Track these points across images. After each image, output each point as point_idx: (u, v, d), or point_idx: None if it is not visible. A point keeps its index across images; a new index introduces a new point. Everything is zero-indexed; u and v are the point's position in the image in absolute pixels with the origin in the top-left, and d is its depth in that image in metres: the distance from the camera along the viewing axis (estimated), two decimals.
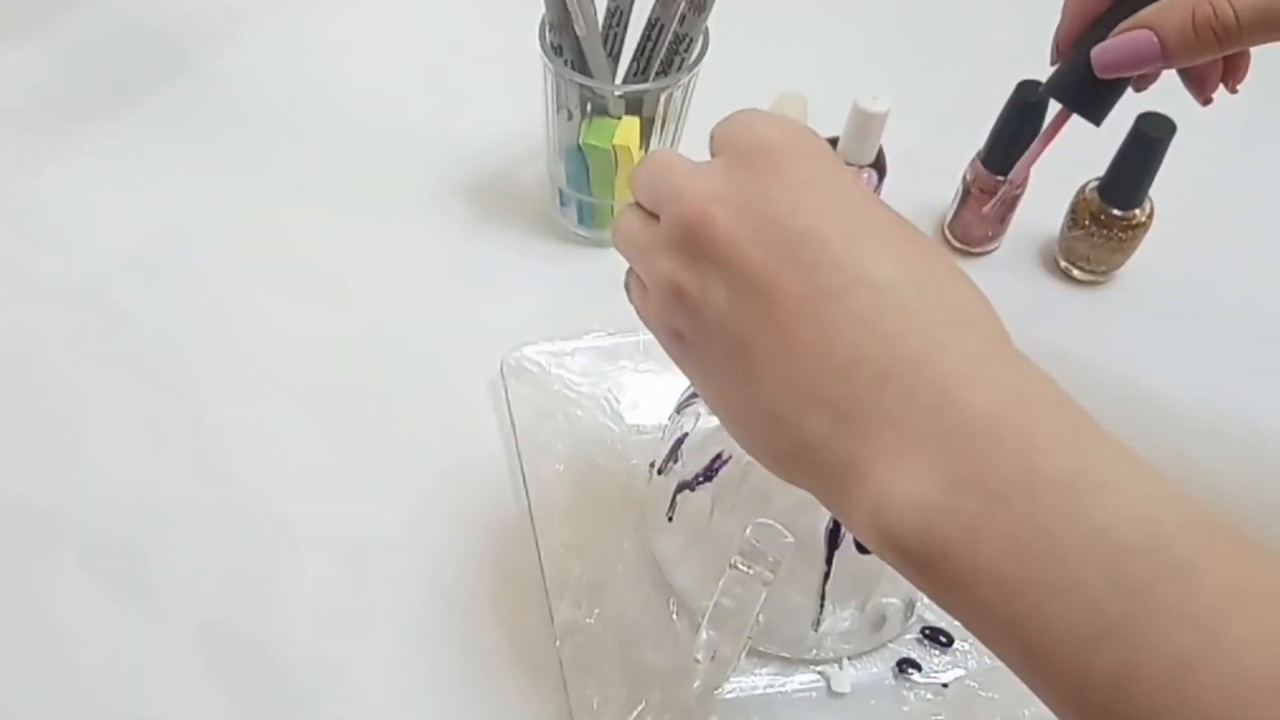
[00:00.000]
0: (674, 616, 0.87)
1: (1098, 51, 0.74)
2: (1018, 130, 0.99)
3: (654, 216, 0.62)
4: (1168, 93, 0.80)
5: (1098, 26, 0.76)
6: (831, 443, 0.54)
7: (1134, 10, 0.73)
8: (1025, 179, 0.97)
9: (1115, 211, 1.02)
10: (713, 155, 0.61)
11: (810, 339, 0.54)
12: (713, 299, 0.57)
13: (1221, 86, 0.79)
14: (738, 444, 0.60)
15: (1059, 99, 0.79)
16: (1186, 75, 0.78)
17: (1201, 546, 0.48)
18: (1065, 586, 0.47)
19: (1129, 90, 0.79)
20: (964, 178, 1.06)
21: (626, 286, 0.67)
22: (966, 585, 0.50)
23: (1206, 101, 0.80)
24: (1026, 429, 0.50)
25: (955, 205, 1.08)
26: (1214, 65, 0.77)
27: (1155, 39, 0.71)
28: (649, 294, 0.62)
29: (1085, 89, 0.77)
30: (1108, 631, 0.46)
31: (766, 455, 0.59)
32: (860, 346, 0.53)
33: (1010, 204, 1.05)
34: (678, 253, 0.58)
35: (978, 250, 1.09)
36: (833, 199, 0.57)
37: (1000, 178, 1.02)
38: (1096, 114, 0.78)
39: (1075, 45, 0.78)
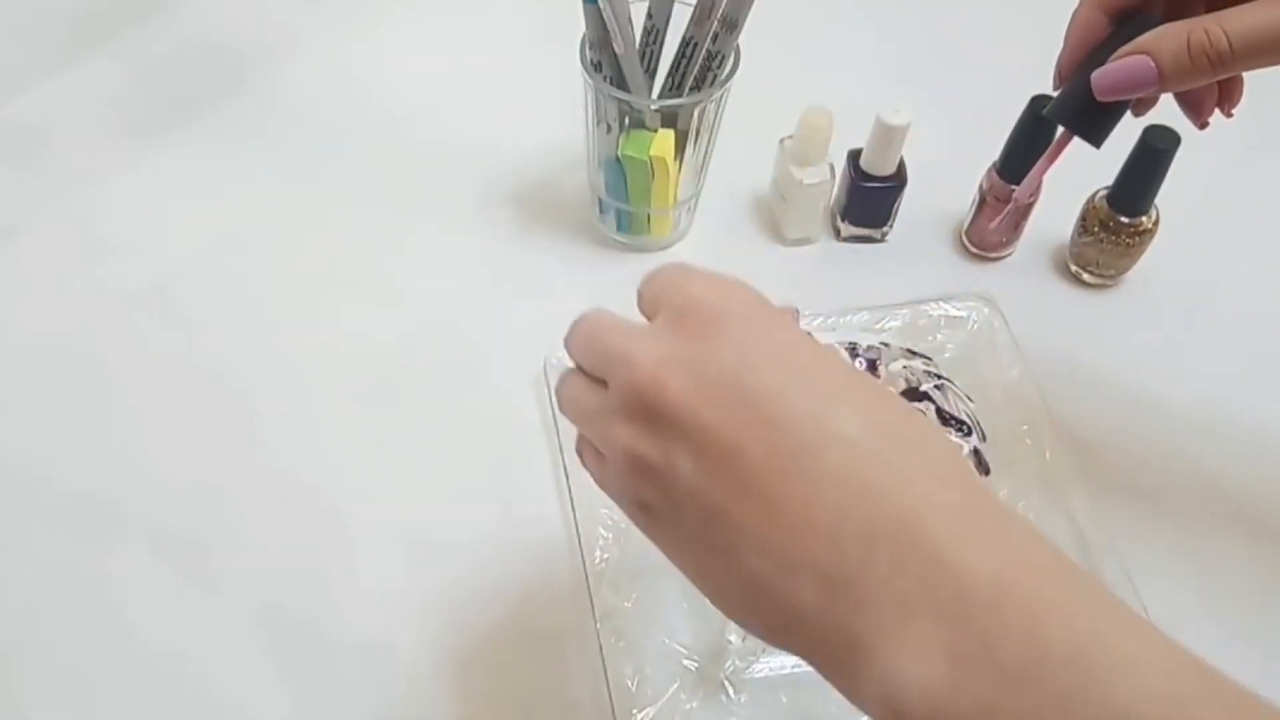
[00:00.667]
0: (707, 600, 0.88)
1: (1097, 76, 0.75)
2: (1031, 142, 1.00)
3: (599, 382, 0.59)
4: (1172, 107, 0.81)
5: (1098, 53, 0.77)
6: (825, 613, 0.50)
7: (1132, 37, 0.73)
8: (1035, 191, 0.98)
9: (1123, 219, 1.03)
10: (644, 313, 0.59)
11: (788, 501, 0.50)
12: (679, 468, 0.53)
13: (1217, 110, 0.80)
14: (725, 615, 0.56)
15: (1061, 122, 0.80)
16: (1183, 99, 0.79)
17: None
18: None
19: (1129, 113, 0.80)
20: (980, 187, 1.07)
21: (579, 452, 0.63)
22: None
23: (1203, 125, 0.80)
24: (1028, 597, 0.47)
25: (972, 213, 1.09)
26: (1209, 90, 0.78)
27: (1152, 64, 0.71)
28: (607, 463, 0.58)
29: (1086, 113, 0.78)
30: None
31: (756, 627, 0.54)
32: (842, 507, 0.50)
33: (1023, 212, 1.06)
34: (634, 422, 0.54)
35: (993, 255, 1.11)
36: (782, 354, 0.54)
37: (1014, 187, 1.04)
38: (1096, 137, 0.79)
39: (1076, 71, 0.78)
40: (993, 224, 1.05)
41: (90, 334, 1.04)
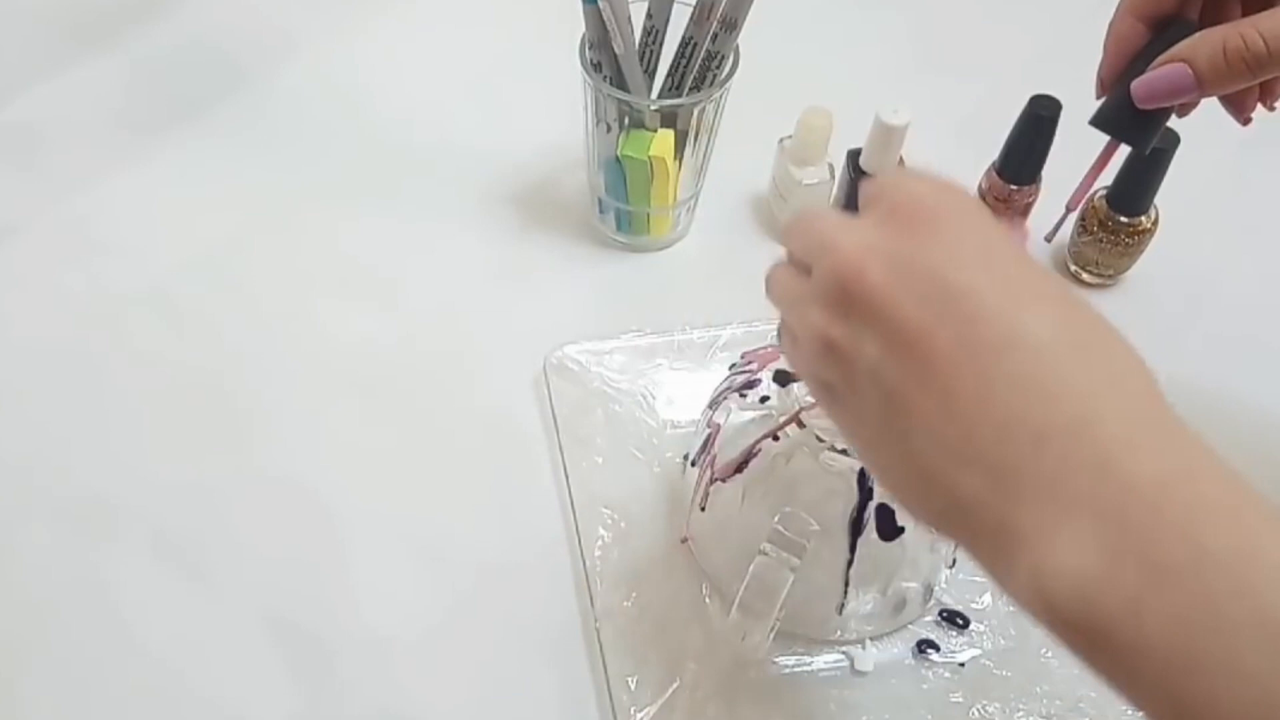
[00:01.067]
0: (706, 600, 0.88)
1: (1137, 85, 0.75)
2: (1031, 142, 1.01)
3: (805, 270, 0.59)
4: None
5: (1137, 61, 0.77)
6: (987, 503, 0.51)
7: (1171, 44, 0.74)
8: (1077, 201, 0.97)
9: (1122, 218, 1.03)
10: (863, 211, 0.59)
11: (966, 396, 0.51)
12: (865, 353, 0.54)
13: (1260, 105, 0.81)
14: (887, 498, 0.57)
15: (1106, 131, 0.80)
16: (1225, 98, 0.79)
17: None
18: (1235, 668, 0.45)
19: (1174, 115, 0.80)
20: (979, 187, 1.07)
21: (778, 335, 0.64)
22: (1130, 660, 0.47)
23: (1246, 121, 0.81)
24: (1191, 500, 0.48)
25: None
26: (1250, 88, 0.78)
27: (1190, 71, 0.72)
28: (800, 344, 0.59)
29: (1129, 120, 0.78)
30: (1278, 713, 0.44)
31: (919, 510, 0.56)
32: (1017, 406, 0.51)
33: (1023, 211, 1.06)
34: (830, 306, 0.56)
35: None
36: (987, 255, 0.54)
37: (1014, 186, 1.04)
38: (1142, 142, 0.80)
39: (1117, 80, 0.79)
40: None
41: (87, 334, 1.04)
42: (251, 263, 1.09)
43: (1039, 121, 0.99)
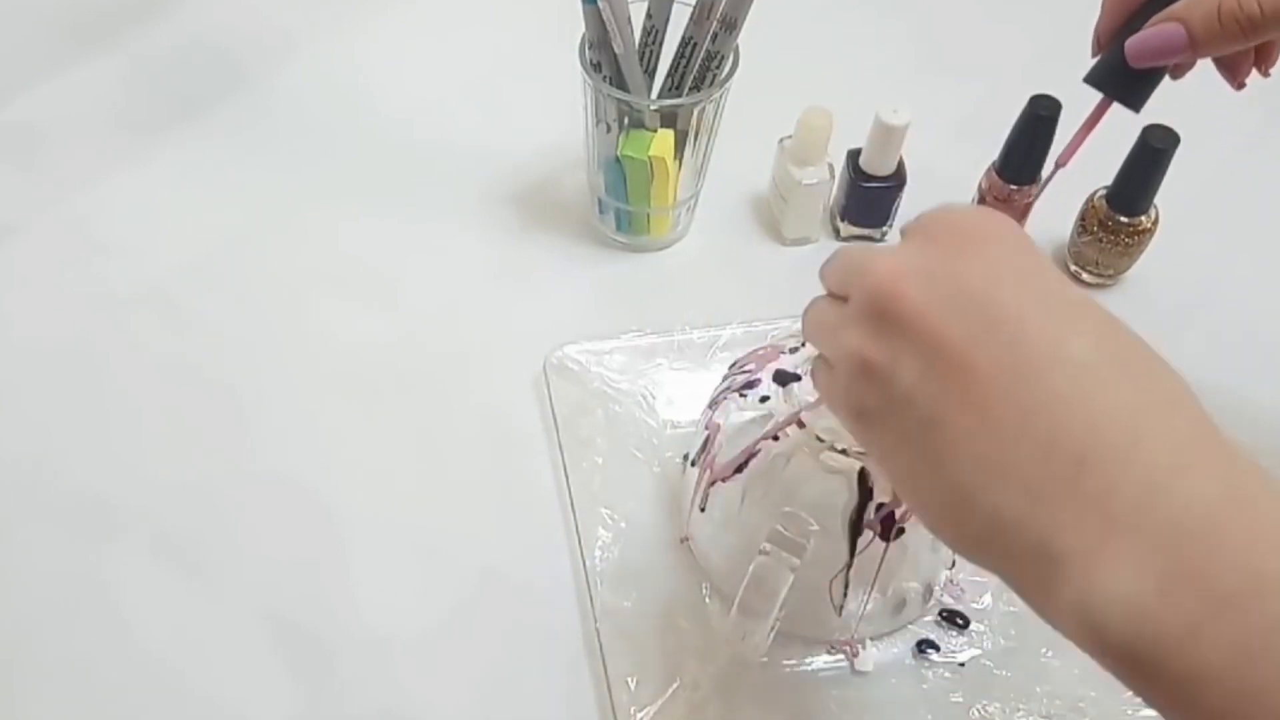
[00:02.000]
0: (706, 599, 0.88)
1: (1131, 43, 0.75)
2: (1031, 141, 1.01)
3: (842, 300, 0.59)
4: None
5: (1134, 20, 0.76)
6: (1027, 525, 0.50)
7: (1168, 4, 0.74)
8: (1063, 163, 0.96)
9: (1122, 218, 1.03)
10: (903, 241, 0.59)
11: (1006, 416, 0.51)
12: (902, 373, 0.54)
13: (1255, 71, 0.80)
14: (922, 524, 0.56)
15: (1099, 88, 0.80)
16: (1219, 62, 0.79)
17: None
18: None
19: (1164, 81, 0.79)
20: (979, 186, 1.07)
21: (813, 372, 0.63)
22: (1188, 691, 0.46)
23: (1240, 86, 0.80)
24: (1247, 524, 0.47)
25: None
26: (1245, 53, 0.78)
27: (1183, 31, 0.72)
28: (835, 371, 0.58)
29: (1122, 79, 0.78)
30: None
31: (955, 536, 0.55)
32: (1060, 426, 0.50)
33: (1023, 211, 1.06)
34: (866, 326, 0.55)
35: None
36: (1027, 276, 0.54)
37: (1014, 186, 1.04)
38: (1135, 101, 0.79)
39: (1114, 38, 0.78)
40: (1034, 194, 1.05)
41: (88, 334, 1.04)
42: (252, 263, 1.09)
43: (1039, 121, 0.99)
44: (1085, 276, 1.09)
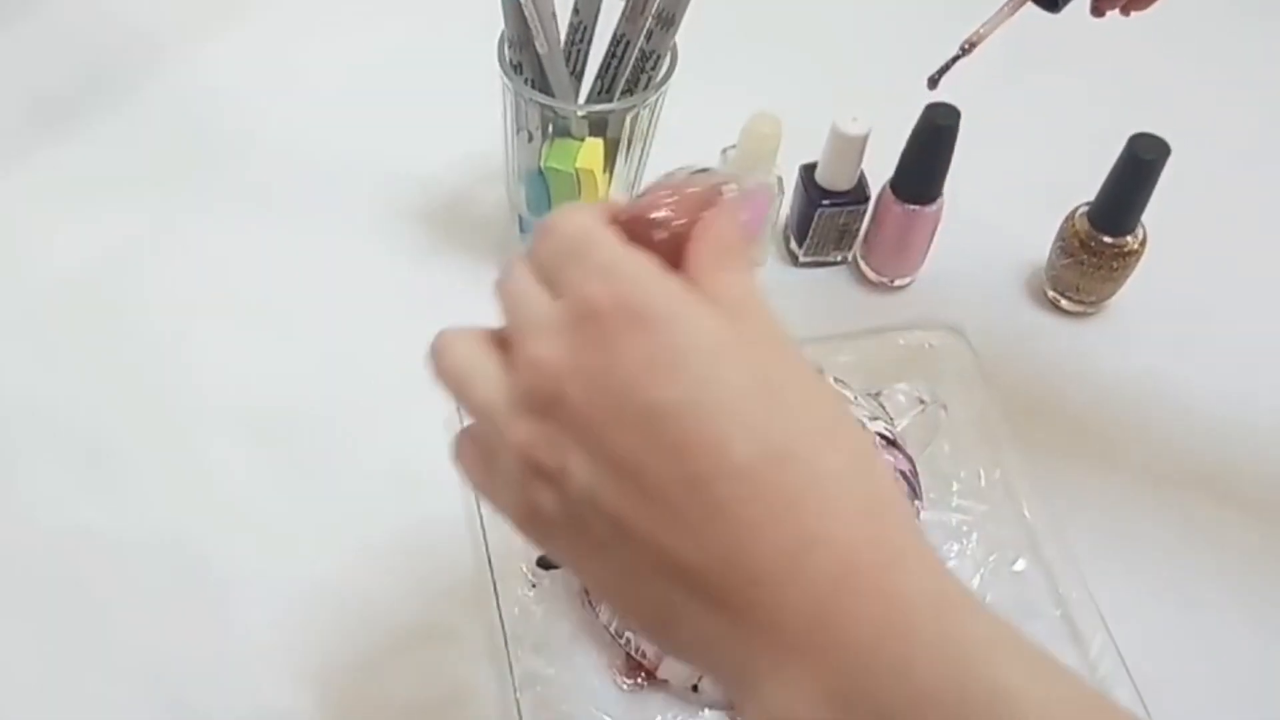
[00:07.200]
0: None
1: None
2: (932, 154, 1.03)
3: (499, 343, 0.59)
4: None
5: None
6: (720, 641, 0.53)
7: None
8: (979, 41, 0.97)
9: (1106, 238, 1.03)
10: (541, 271, 0.59)
11: (684, 530, 0.52)
12: (576, 475, 0.54)
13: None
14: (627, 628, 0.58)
15: None
16: None
17: None
18: None
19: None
20: (875, 200, 1.09)
21: (458, 451, 0.63)
22: None
23: (1099, 14, 0.84)
24: (913, 637, 0.50)
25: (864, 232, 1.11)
26: None
27: None
28: (496, 463, 0.58)
29: None
30: None
31: (658, 643, 0.58)
32: (732, 542, 0.51)
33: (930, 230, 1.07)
34: (531, 420, 0.55)
35: (896, 283, 1.12)
36: (688, 361, 0.53)
37: (913, 207, 1.05)
38: (1053, 4, 0.83)
39: None
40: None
41: None
42: (126, 288, 1.09)
43: (939, 131, 1.01)
44: (1065, 304, 1.09)
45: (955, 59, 0.89)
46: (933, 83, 0.96)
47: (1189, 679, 0.89)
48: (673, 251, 0.58)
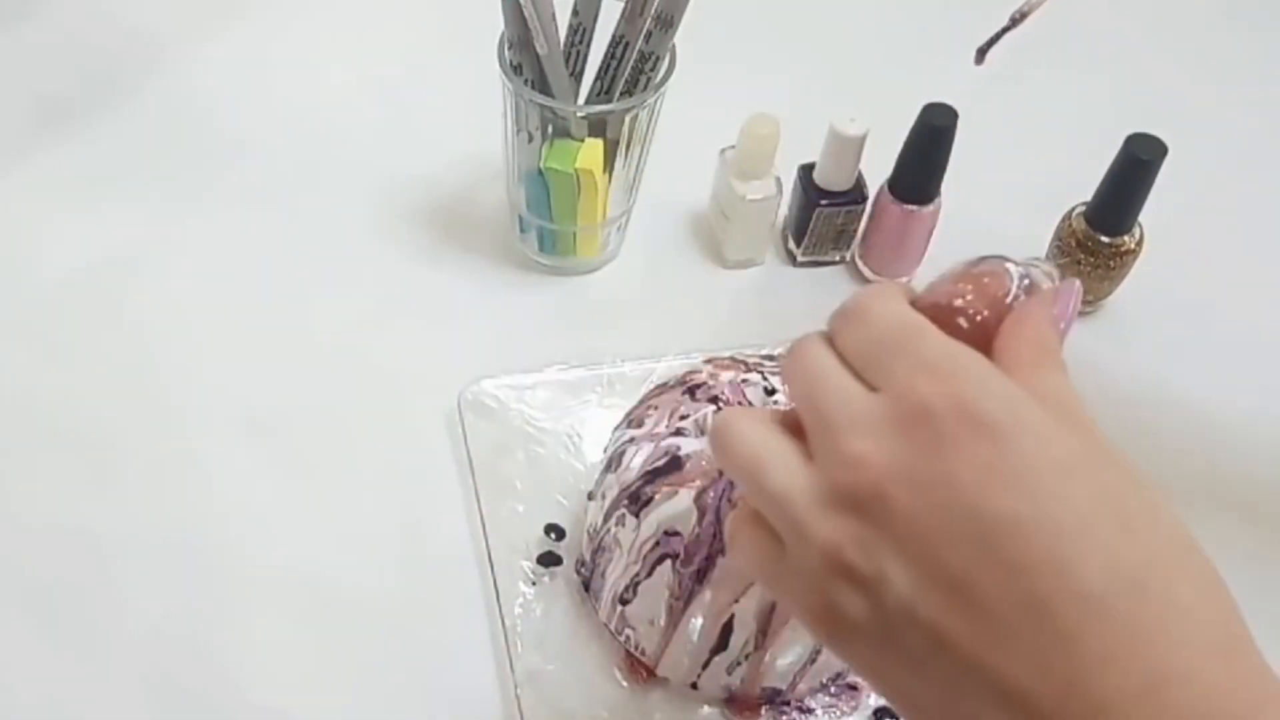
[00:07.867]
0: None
1: None
2: (926, 155, 1.03)
3: (796, 429, 0.57)
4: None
5: None
6: None
7: None
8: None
9: (1103, 238, 1.04)
10: (849, 357, 0.57)
11: (1018, 650, 0.50)
12: (894, 583, 0.52)
13: None
14: None
15: None
16: None
17: None
18: None
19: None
20: (872, 202, 1.09)
21: (732, 537, 0.61)
22: None
23: None
24: None
25: (862, 232, 1.12)
26: None
27: None
28: (790, 557, 0.56)
29: None
30: None
31: None
32: (1076, 672, 0.49)
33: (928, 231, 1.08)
34: (842, 516, 0.53)
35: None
36: (1029, 474, 0.51)
37: (911, 208, 1.06)
38: None
39: None
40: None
41: None
42: (125, 288, 1.09)
43: (935, 132, 1.01)
44: None
45: (1005, 30, 0.88)
46: (980, 54, 0.94)
47: None
48: (972, 344, 0.55)
